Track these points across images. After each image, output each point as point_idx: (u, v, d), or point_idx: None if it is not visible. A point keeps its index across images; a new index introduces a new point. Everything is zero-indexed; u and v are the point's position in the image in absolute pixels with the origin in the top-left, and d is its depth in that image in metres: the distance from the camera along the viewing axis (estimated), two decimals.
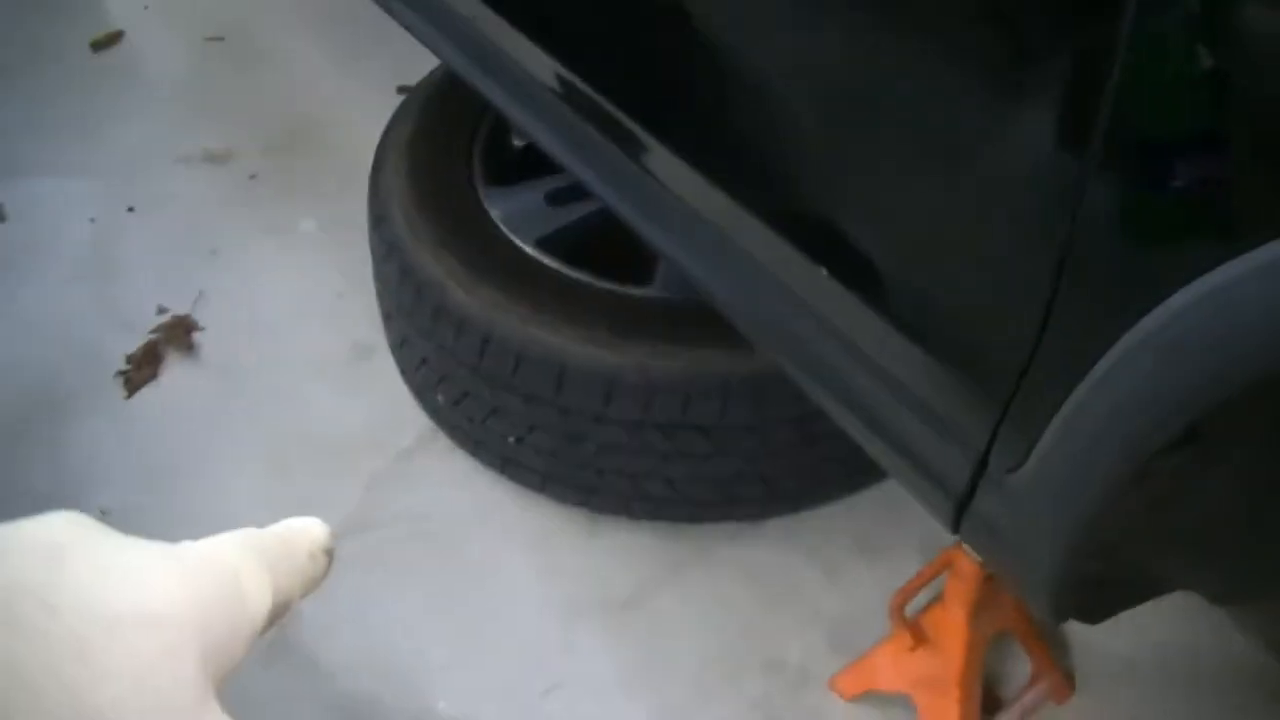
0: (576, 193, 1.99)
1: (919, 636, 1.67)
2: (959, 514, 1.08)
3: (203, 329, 2.29)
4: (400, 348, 2.03)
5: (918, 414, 1.06)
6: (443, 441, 2.10)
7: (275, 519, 0.57)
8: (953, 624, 1.63)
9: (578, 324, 1.77)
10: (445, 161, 2.04)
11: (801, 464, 1.86)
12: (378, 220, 1.99)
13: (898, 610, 1.68)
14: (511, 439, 1.88)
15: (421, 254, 1.87)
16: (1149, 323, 0.83)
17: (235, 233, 2.47)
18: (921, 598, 1.71)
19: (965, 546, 1.40)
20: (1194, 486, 0.96)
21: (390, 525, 2.01)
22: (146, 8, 3.08)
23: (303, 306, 2.34)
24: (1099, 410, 0.88)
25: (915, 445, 1.10)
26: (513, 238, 1.92)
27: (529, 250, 1.91)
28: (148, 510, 1.99)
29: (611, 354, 1.75)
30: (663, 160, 1.29)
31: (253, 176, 2.60)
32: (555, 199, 2.04)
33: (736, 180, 1.20)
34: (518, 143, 2.11)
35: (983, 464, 1.02)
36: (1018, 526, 1.03)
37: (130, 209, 2.53)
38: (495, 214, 1.96)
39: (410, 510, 2.03)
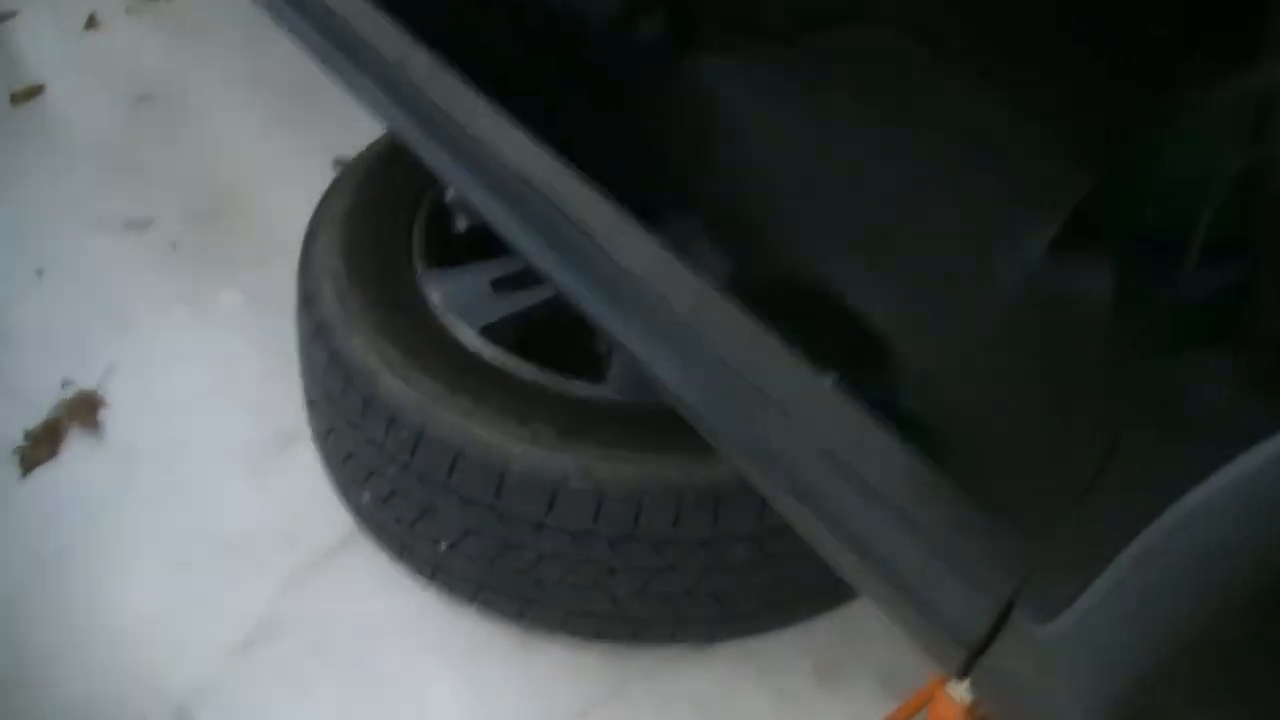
0: (525, 278, 1.85)
1: None
2: (970, 661, 0.94)
3: (109, 406, 2.11)
4: (325, 438, 1.86)
5: (930, 552, 0.92)
6: (367, 542, 1.93)
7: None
8: None
9: (521, 421, 1.62)
10: (383, 240, 1.90)
11: (759, 584, 1.71)
12: (307, 298, 1.83)
13: None
14: (443, 544, 1.71)
15: (353, 339, 1.72)
16: (1228, 474, 0.71)
17: (151, 304, 2.30)
18: None
19: (953, 687, 1.27)
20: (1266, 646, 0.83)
21: (302, 632, 1.83)
22: (72, 62, 2.91)
23: (219, 387, 2.16)
24: (1166, 564, 0.75)
25: (923, 584, 0.96)
26: (454, 324, 1.78)
27: (471, 338, 1.76)
28: (31, 600, 1.79)
29: (557, 456, 1.60)
30: (632, 239, 1.16)
31: (174, 245, 2.44)
32: (501, 285, 1.89)
33: (720, 263, 1.07)
34: (461, 225, 1.97)
35: (1006, 612, 0.88)
36: (1045, 681, 0.90)
37: (39, 272, 2.35)
38: (435, 298, 1.81)
39: (325, 616, 1.85)
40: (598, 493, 1.59)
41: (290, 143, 2.64)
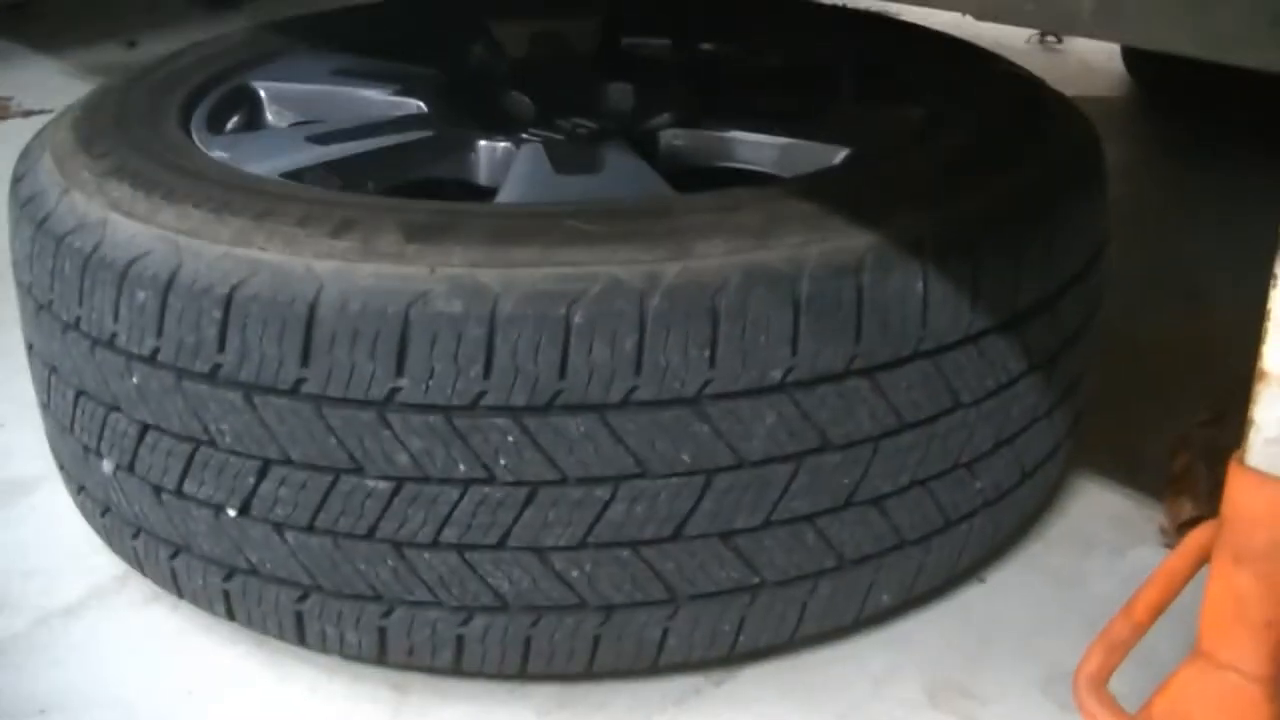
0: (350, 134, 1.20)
1: None
2: None
3: None
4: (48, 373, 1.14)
5: None
6: (134, 590, 1.18)
7: None
8: (1234, 700, 0.73)
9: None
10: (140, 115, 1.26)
11: None
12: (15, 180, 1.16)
13: (1093, 685, 0.76)
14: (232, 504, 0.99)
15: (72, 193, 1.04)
16: None
17: None
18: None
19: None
20: None
21: (6, 718, 1.05)
22: None
23: None
24: None
25: None
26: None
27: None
28: None
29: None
30: None
31: None
32: (321, 140, 1.24)
33: None
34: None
35: None
36: None
37: None
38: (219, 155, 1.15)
39: (51, 695, 1.07)
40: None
41: None
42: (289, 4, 2.54)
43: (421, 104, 1.39)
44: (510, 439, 0.92)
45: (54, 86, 2.81)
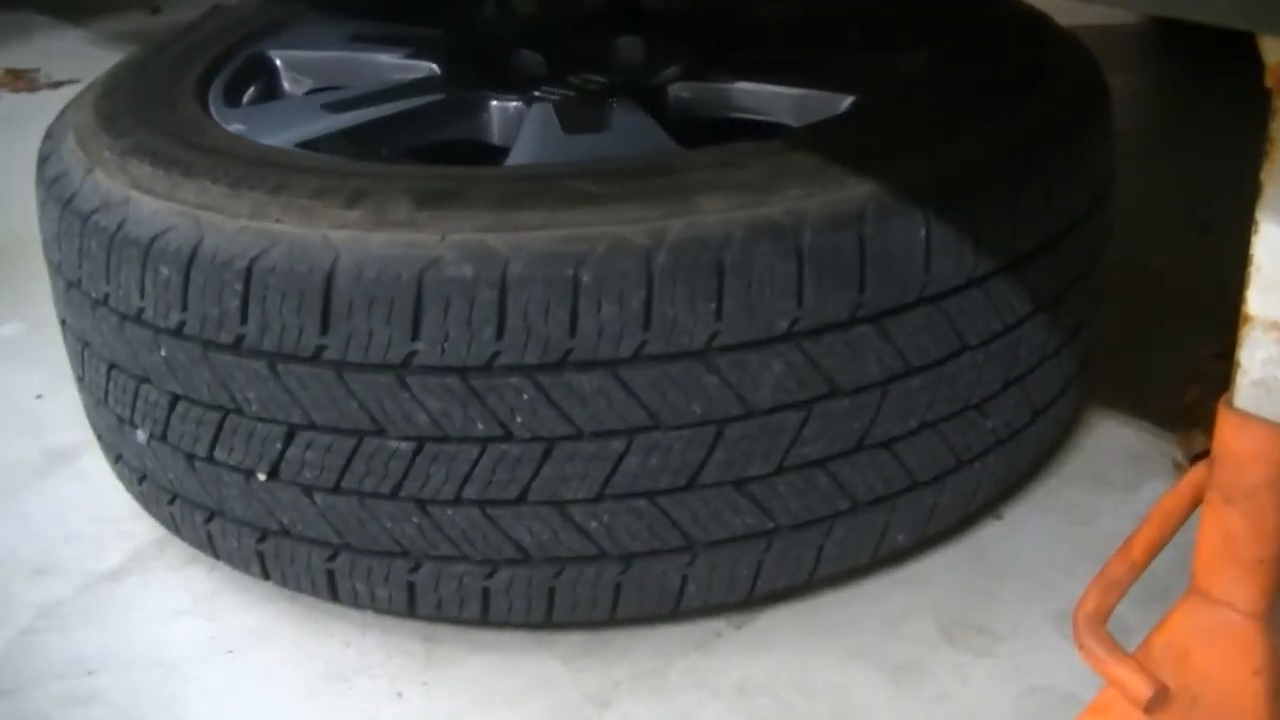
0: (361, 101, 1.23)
1: (1156, 684, 0.76)
2: None
3: None
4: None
5: None
6: (172, 554, 1.22)
7: None
8: (1228, 635, 0.75)
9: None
10: (158, 91, 1.29)
11: None
12: (42, 160, 1.20)
13: (1091, 624, 0.78)
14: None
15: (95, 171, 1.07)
16: None
17: None
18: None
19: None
20: None
21: (57, 681, 1.09)
22: None
23: None
24: None
25: None
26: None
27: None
28: None
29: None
30: None
31: None
32: (335, 107, 1.27)
33: None
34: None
35: None
36: None
37: None
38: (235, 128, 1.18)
39: (98, 656, 1.12)
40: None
41: None
42: None
43: (434, 66, 1.40)
44: (525, 397, 0.95)
45: (81, 56, 2.84)
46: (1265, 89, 0.68)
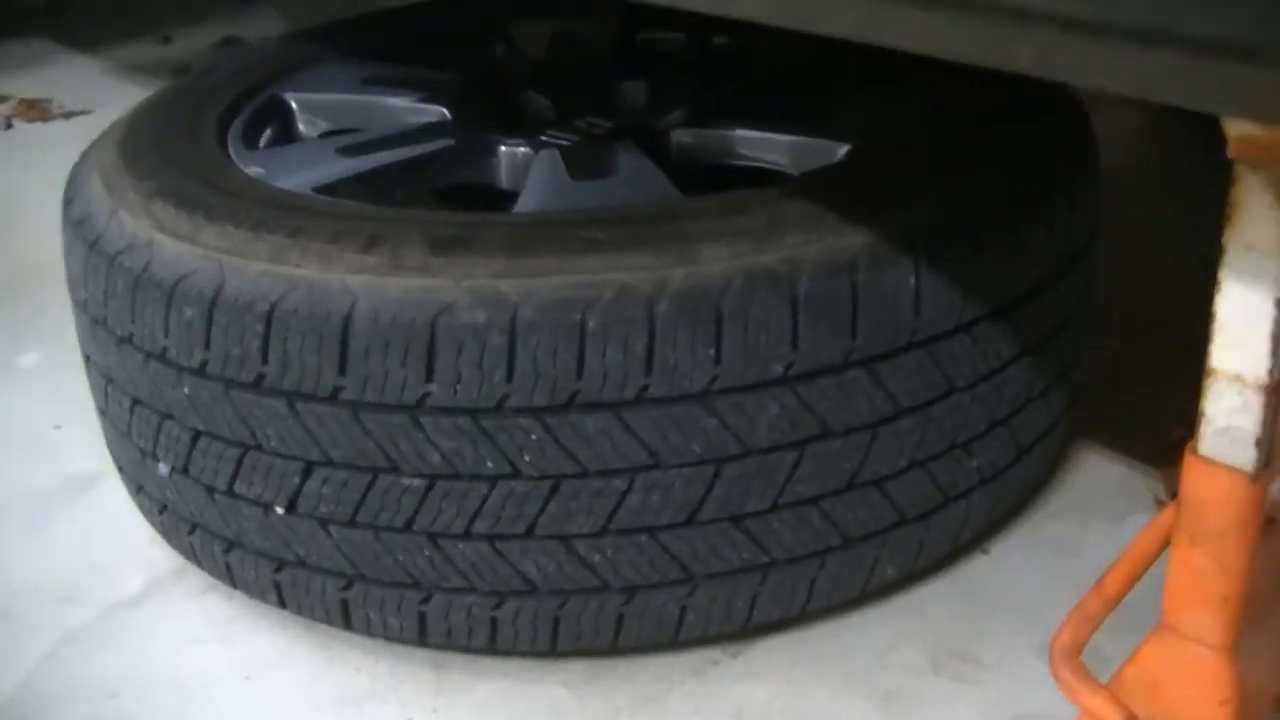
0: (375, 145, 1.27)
1: (1127, 713, 0.80)
2: None
3: None
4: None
5: None
6: (191, 582, 1.27)
7: None
8: (1196, 667, 0.80)
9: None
10: (179, 134, 1.34)
11: None
12: (67, 202, 1.24)
13: (1065, 655, 0.83)
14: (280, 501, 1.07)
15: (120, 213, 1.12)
16: None
17: None
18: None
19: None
20: None
21: (80, 704, 1.14)
22: None
23: (9, 437, 1.55)
24: None
25: None
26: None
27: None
28: None
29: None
30: None
31: None
32: (351, 151, 1.31)
33: None
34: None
35: None
36: None
37: None
38: (253, 172, 1.23)
39: (120, 680, 1.16)
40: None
41: None
42: None
43: (444, 110, 1.46)
44: (533, 437, 1.00)
45: (93, 86, 2.88)
46: (1227, 160, 0.72)
